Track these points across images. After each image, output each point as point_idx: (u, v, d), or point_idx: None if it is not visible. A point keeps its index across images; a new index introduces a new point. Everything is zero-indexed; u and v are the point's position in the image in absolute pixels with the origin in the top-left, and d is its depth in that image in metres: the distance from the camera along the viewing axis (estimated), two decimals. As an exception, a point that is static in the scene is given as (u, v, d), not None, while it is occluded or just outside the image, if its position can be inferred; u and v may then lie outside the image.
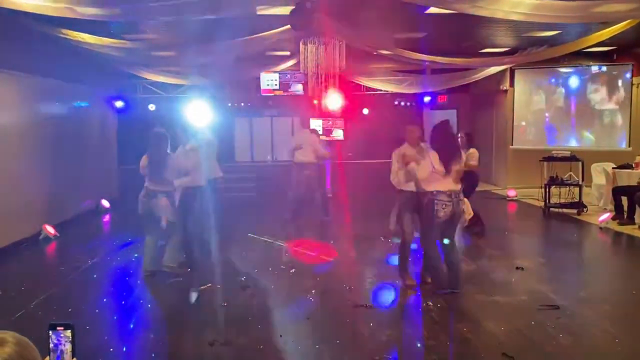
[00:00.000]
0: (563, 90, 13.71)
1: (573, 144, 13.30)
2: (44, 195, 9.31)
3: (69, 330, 1.53)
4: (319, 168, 10.05)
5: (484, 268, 6.99)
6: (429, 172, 5.59)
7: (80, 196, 11.12)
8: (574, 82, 13.59)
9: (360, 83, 13.53)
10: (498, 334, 4.81)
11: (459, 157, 5.78)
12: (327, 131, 13.40)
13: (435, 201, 5.61)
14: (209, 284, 6.39)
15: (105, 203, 11.95)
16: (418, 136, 6.03)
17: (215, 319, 5.40)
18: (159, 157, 6.64)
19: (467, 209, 5.96)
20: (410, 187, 5.96)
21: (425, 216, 5.75)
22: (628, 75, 12.92)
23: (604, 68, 13.24)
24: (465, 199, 5.94)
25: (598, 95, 13.28)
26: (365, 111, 14.52)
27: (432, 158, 5.61)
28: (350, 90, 13.42)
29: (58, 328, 1.51)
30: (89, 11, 5.95)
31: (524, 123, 14.01)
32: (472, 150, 8.74)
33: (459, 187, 5.74)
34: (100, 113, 12.65)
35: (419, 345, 4.66)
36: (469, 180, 8.64)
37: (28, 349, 1.41)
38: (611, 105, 13.15)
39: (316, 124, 14.39)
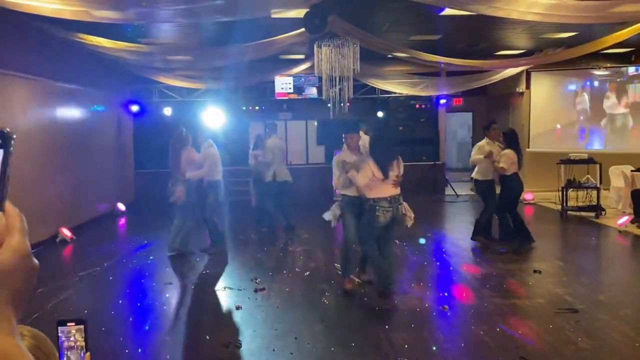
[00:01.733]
0: (580, 92, 13.55)
1: (595, 146, 13.12)
2: (60, 199, 9.39)
3: (83, 325, 1.52)
4: None
5: (502, 271, 6.91)
6: (369, 178, 5.78)
7: (97, 200, 11.21)
8: (591, 83, 13.43)
9: (374, 86, 13.48)
10: (516, 337, 4.75)
11: (396, 163, 5.94)
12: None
13: (377, 207, 5.80)
14: (224, 287, 6.41)
15: (121, 206, 12.03)
16: (357, 142, 6.22)
17: (230, 321, 5.40)
18: (174, 153, 7.66)
19: (408, 212, 6.10)
20: (353, 191, 6.10)
21: (367, 221, 5.94)
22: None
23: (626, 70, 13.04)
24: (404, 203, 6.08)
25: (615, 97, 13.09)
26: (380, 114, 14.46)
27: (371, 165, 5.82)
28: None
29: (69, 324, 1.49)
30: (104, 14, 6.00)
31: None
32: (505, 152, 7.90)
33: (398, 191, 5.93)
34: (117, 117, 12.75)
35: (434, 348, 4.61)
36: (505, 186, 7.96)
37: (45, 342, 1.41)
38: (635, 109, 12.96)
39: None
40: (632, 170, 10.54)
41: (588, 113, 13.46)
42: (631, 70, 12.91)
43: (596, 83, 13.37)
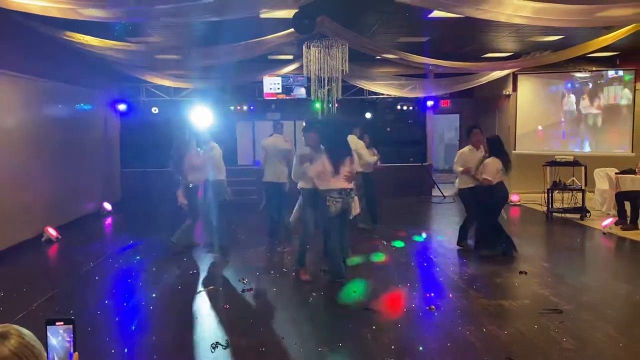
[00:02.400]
0: (567, 94, 13.68)
1: (580, 148, 13.28)
2: (46, 198, 9.31)
3: (71, 325, 1.51)
4: (364, 177, 9.28)
5: (488, 272, 6.96)
6: (318, 171, 6.36)
7: (83, 199, 11.12)
8: (576, 87, 13.56)
9: (363, 87, 13.52)
10: (502, 337, 4.79)
11: (347, 160, 6.47)
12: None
13: (328, 197, 6.32)
14: (212, 287, 6.39)
15: (107, 206, 11.94)
16: (313, 140, 6.64)
17: (217, 321, 5.38)
18: (178, 157, 7.97)
19: (356, 205, 6.73)
20: (310, 184, 6.60)
21: (321, 211, 6.48)
22: (631, 81, 12.88)
23: (606, 73, 13.19)
24: (355, 197, 6.66)
25: (599, 101, 13.25)
26: (368, 115, 14.51)
27: (324, 160, 6.36)
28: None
29: (57, 323, 1.49)
30: (92, 12, 5.95)
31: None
32: (486, 162, 7.56)
33: (350, 185, 6.46)
34: (104, 116, 12.66)
35: (421, 348, 4.64)
36: (489, 193, 7.56)
37: (32, 341, 1.41)
38: (612, 111, 13.12)
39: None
40: (616, 173, 10.63)
41: (574, 115, 13.60)
42: (611, 73, 13.08)
43: (579, 85, 13.51)
